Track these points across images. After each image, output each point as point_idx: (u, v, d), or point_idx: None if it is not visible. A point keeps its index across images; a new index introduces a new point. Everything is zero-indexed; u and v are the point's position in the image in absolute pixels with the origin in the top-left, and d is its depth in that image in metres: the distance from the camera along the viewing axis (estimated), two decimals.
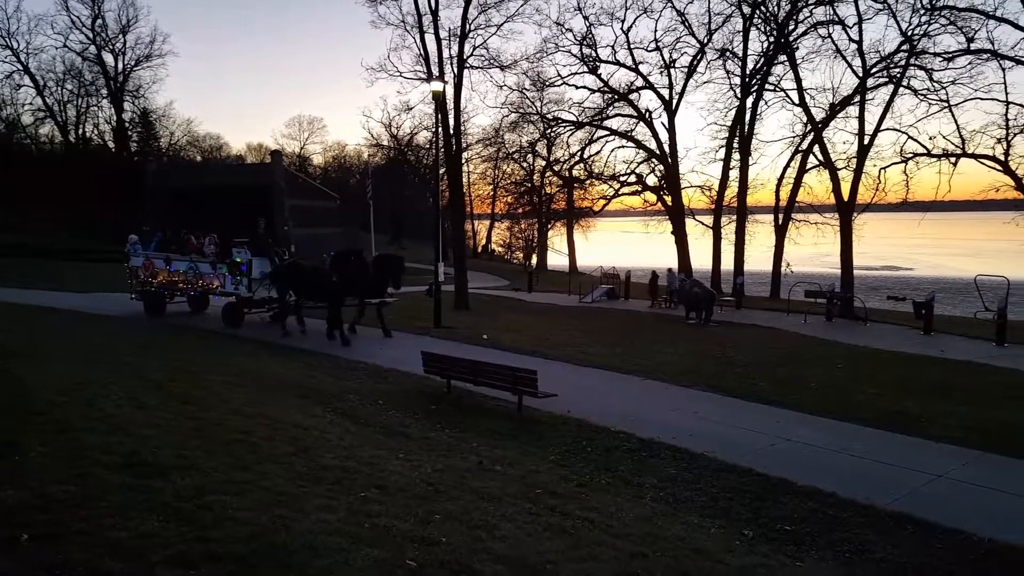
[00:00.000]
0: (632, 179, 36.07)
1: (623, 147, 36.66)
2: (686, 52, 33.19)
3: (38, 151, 55.07)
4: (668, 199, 33.97)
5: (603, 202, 41.24)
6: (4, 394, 8.11)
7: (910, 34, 25.00)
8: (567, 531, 5.64)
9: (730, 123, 33.22)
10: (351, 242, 23.20)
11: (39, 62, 59.85)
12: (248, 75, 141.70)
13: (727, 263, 33.56)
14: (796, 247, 34.57)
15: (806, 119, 29.58)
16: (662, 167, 34.19)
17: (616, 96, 34.31)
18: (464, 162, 47.90)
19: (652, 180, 35.78)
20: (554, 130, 39.04)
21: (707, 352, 16.79)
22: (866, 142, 26.16)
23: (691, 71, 33.08)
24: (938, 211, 29.89)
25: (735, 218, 33.81)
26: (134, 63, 54.36)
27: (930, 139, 26.34)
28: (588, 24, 33.12)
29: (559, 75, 34.98)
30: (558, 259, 57.45)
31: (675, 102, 33.28)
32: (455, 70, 25.54)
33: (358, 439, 8.17)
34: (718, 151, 34.46)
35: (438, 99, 22.35)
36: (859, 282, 28.98)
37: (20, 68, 51.73)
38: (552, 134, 40.13)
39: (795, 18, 29.24)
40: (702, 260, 34.58)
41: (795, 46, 29.47)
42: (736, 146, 33.02)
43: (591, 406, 10.65)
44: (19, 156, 50.71)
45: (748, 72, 31.95)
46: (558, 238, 57.21)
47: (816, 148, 29.76)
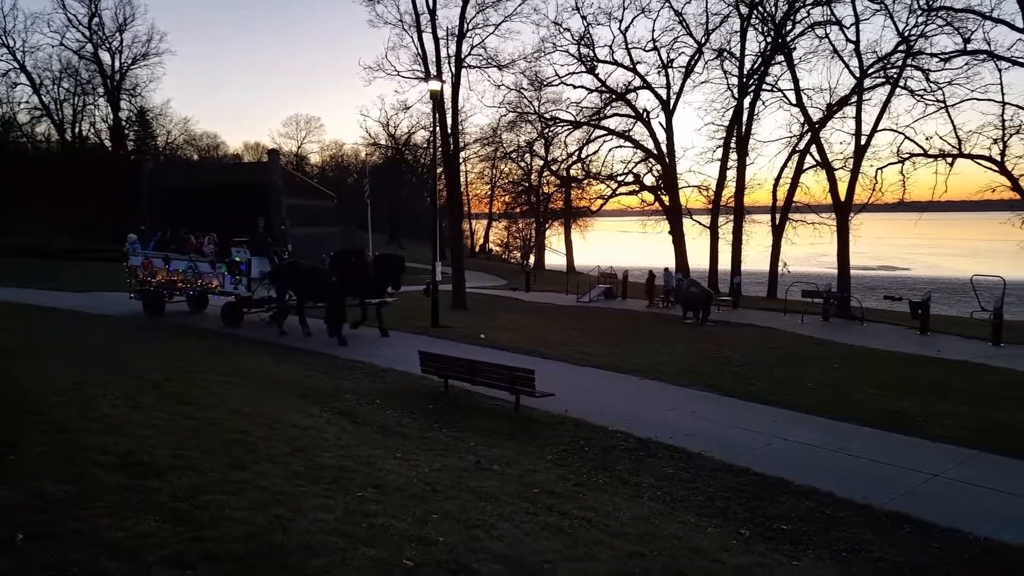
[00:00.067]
0: (630, 179, 36.07)
1: (621, 147, 36.66)
2: (684, 52, 33.21)
3: (34, 150, 54.85)
4: (665, 199, 33.96)
5: (601, 202, 41.24)
6: (2, 394, 8.09)
7: (907, 35, 25.12)
8: (564, 530, 5.64)
9: (727, 123, 33.29)
10: (349, 241, 23.17)
11: (35, 60, 59.53)
12: (245, 74, 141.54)
13: (724, 263, 33.61)
14: (793, 247, 34.59)
15: (803, 119, 29.65)
16: (659, 167, 34.19)
17: (614, 96, 34.31)
18: (462, 161, 48.05)
19: (650, 180, 35.81)
20: (552, 130, 39.09)
21: (704, 352, 16.81)
22: (863, 142, 26.28)
23: (689, 71, 33.12)
24: (935, 211, 29.94)
25: (732, 218, 33.88)
26: (131, 61, 54.31)
27: (927, 139, 26.49)
28: (586, 24, 33.12)
29: (557, 75, 35.05)
30: (556, 259, 57.53)
31: (673, 102, 33.32)
32: (453, 69, 25.56)
33: (355, 439, 8.17)
34: (715, 151, 34.58)
35: (436, 98, 22.33)
36: (856, 282, 29.08)
37: (16, 66, 51.66)
38: (550, 134, 40.19)
39: (793, 18, 29.33)
40: (699, 260, 34.56)
41: (792, 46, 29.57)
42: (733, 146, 33.07)
43: (589, 406, 10.66)
44: (15, 155, 50.49)
45: (746, 72, 32.02)
46: (556, 238, 57.36)
47: (813, 148, 29.80)
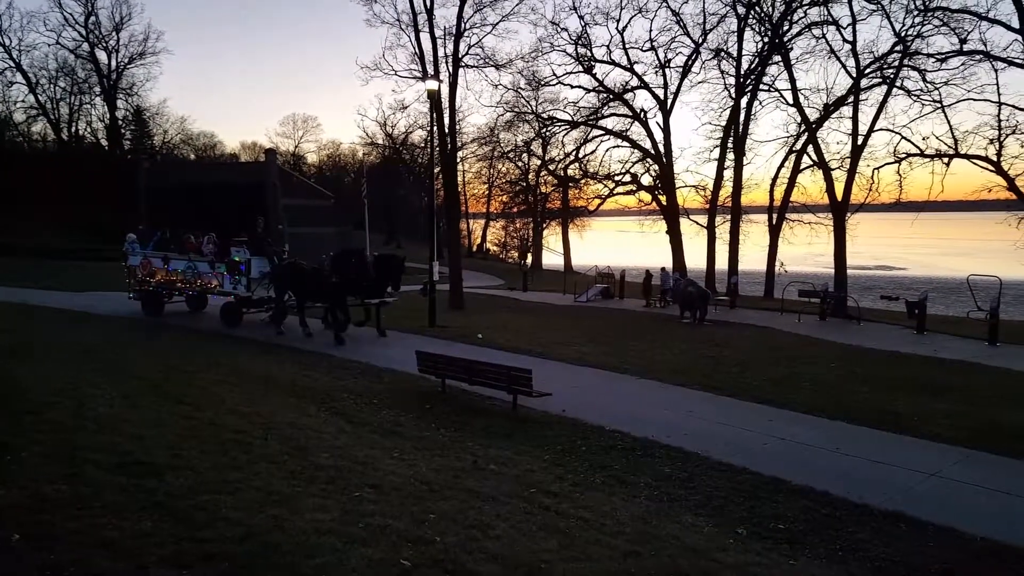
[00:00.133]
0: (627, 179, 36.06)
1: (618, 147, 36.67)
2: (681, 52, 33.28)
3: (31, 149, 54.70)
4: (663, 198, 33.99)
5: (598, 201, 41.30)
6: None
7: (904, 35, 25.13)
8: (561, 530, 5.65)
9: (725, 123, 33.27)
10: (347, 241, 23.13)
11: (31, 59, 59.34)
12: (242, 73, 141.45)
13: (721, 262, 33.61)
14: (790, 247, 34.60)
15: (800, 119, 29.65)
16: (657, 167, 34.20)
17: (611, 96, 34.33)
18: (459, 161, 47.96)
19: (647, 180, 35.81)
20: (549, 129, 39.07)
21: (701, 351, 16.82)
22: (860, 142, 26.29)
23: (686, 71, 33.17)
24: (931, 211, 29.97)
25: (729, 218, 33.88)
26: (127, 61, 54.14)
27: (923, 139, 26.59)
28: (583, 24, 33.29)
29: (554, 74, 35.03)
30: (553, 258, 57.47)
31: (670, 102, 33.36)
32: (450, 69, 25.56)
33: (352, 438, 8.16)
34: (713, 151, 34.59)
35: (433, 98, 22.32)
36: (852, 282, 29.15)
37: (12, 65, 51.52)
38: (547, 133, 40.18)
39: (790, 18, 29.33)
40: (696, 260, 34.58)
41: (789, 46, 29.58)
42: (731, 146, 33.06)
43: (586, 405, 10.67)
44: (11, 154, 50.34)
45: (743, 72, 32.00)
46: (553, 237, 57.27)
47: (810, 148, 29.83)
